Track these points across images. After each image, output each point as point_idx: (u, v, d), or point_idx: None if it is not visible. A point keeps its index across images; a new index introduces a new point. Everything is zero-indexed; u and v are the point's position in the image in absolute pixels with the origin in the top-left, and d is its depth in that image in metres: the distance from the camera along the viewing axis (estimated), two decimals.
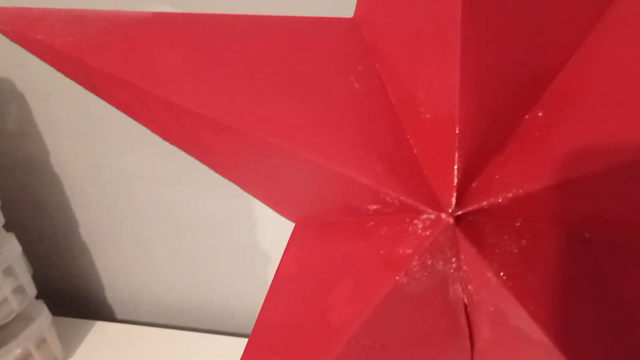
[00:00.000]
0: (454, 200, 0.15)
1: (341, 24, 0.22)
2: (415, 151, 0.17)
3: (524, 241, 0.16)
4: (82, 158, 0.49)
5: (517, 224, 0.16)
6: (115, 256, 0.55)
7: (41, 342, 0.49)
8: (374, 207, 0.18)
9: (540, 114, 0.17)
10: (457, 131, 0.16)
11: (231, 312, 0.54)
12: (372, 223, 0.18)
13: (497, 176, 0.15)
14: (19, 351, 0.46)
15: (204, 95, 0.20)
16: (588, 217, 0.17)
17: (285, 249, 0.24)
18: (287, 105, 0.19)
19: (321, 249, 0.22)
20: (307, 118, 0.18)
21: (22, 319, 0.47)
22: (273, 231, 0.50)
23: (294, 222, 0.25)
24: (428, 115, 0.17)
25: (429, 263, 0.16)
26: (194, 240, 0.52)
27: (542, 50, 0.18)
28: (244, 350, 0.24)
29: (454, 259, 0.16)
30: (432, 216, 0.16)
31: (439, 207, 0.16)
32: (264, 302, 0.25)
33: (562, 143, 0.16)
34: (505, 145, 0.16)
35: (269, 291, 0.24)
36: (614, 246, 0.17)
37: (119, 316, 0.59)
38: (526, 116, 0.17)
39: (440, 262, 0.16)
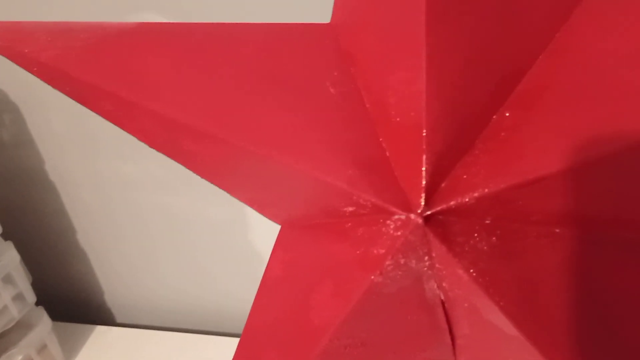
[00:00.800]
0: (422, 200, 0.16)
1: (318, 29, 0.23)
2: (387, 154, 0.17)
3: (494, 238, 0.16)
4: (77, 165, 0.50)
5: (487, 222, 0.17)
6: (114, 261, 0.56)
7: (42, 348, 0.50)
8: (350, 209, 0.18)
9: (507, 114, 0.17)
10: (424, 134, 0.16)
11: (231, 314, 0.55)
12: (349, 224, 0.19)
13: (464, 176, 0.16)
14: (20, 358, 0.47)
15: (184, 104, 0.20)
16: (556, 214, 0.17)
17: (272, 251, 0.25)
18: (264, 111, 0.19)
19: (304, 250, 0.22)
20: (283, 123, 0.19)
21: (22, 326, 0.48)
22: (269, 233, 0.50)
23: (279, 224, 0.25)
24: (398, 119, 0.17)
25: (402, 262, 0.17)
26: (191, 243, 0.52)
27: (509, 51, 0.18)
28: (235, 351, 0.24)
29: (426, 258, 0.16)
30: (403, 217, 0.16)
31: (409, 207, 0.16)
32: (253, 303, 0.25)
33: (527, 142, 0.16)
34: (474, 146, 0.17)
35: (257, 293, 0.25)
36: (584, 241, 0.18)
37: (119, 320, 0.60)
38: (494, 117, 0.17)
39: (413, 261, 0.17)
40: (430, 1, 0.17)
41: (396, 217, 0.16)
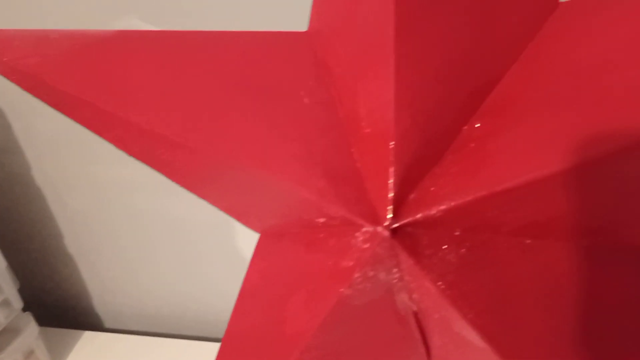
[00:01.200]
0: (389, 213, 0.16)
1: (295, 38, 0.23)
2: (358, 165, 0.17)
3: (463, 250, 0.16)
4: (63, 170, 0.50)
5: (457, 233, 0.16)
6: (102, 265, 0.56)
7: (29, 354, 0.50)
8: (322, 220, 0.18)
9: (477, 125, 0.17)
10: (392, 146, 0.16)
11: (222, 319, 0.55)
12: (322, 235, 0.19)
13: (432, 188, 0.16)
14: None
15: (158, 114, 0.20)
16: (526, 224, 0.17)
17: (251, 259, 0.25)
18: (238, 122, 0.19)
19: (281, 260, 0.22)
20: (256, 134, 0.19)
21: (9, 332, 0.48)
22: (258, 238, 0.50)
23: (258, 232, 0.25)
24: (368, 130, 0.17)
25: (370, 274, 0.16)
26: (180, 248, 0.52)
27: (480, 61, 0.18)
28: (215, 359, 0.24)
29: (395, 270, 0.16)
30: (371, 229, 0.16)
31: (376, 220, 0.16)
32: (232, 312, 0.25)
33: (495, 153, 0.16)
34: (443, 157, 0.17)
35: (237, 301, 0.25)
36: (555, 251, 0.18)
37: (107, 325, 0.60)
38: (464, 127, 0.17)
39: (383, 273, 0.16)
40: (398, 12, 0.16)
41: (364, 229, 0.16)
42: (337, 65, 0.20)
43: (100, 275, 0.57)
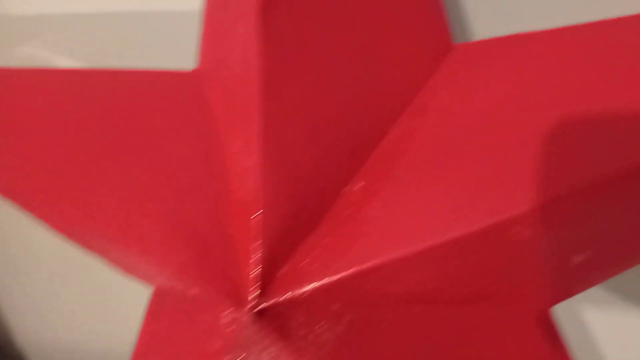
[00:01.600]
0: (253, 293, 0.14)
1: (181, 78, 0.21)
2: (228, 233, 0.16)
3: (341, 327, 0.15)
4: None
5: (334, 309, 0.15)
6: (23, 299, 0.52)
7: None
8: (195, 291, 0.16)
9: (359, 186, 0.16)
10: (259, 216, 0.14)
11: None
12: (198, 306, 0.17)
13: (303, 263, 0.14)
14: None
15: (7, 173, 0.18)
16: (413, 293, 0.15)
17: (145, 316, 0.23)
18: (96, 183, 0.17)
19: (165, 325, 0.20)
20: (116, 199, 0.16)
21: None
22: None
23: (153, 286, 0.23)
24: (237, 194, 0.15)
25: (240, 358, 0.15)
26: (105, 281, 0.49)
27: (363, 114, 0.16)
28: None
29: (265, 353, 0.15)
30: (234, 311, 0.14)
31: (240, 301, 0.14)
32: None
33: (374, 220, 0.15)
34: (319, 225, 0.15)
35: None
36: (449, 316, 0.16)
37: None
38: (345, 189, 0.16)
39: (253, 356, 0.15)
40: (266, 61, 0.15)
41: (228, 310, 0.14)
42: (219, 112, 0.18)
43: (22, 309, 0.53)
